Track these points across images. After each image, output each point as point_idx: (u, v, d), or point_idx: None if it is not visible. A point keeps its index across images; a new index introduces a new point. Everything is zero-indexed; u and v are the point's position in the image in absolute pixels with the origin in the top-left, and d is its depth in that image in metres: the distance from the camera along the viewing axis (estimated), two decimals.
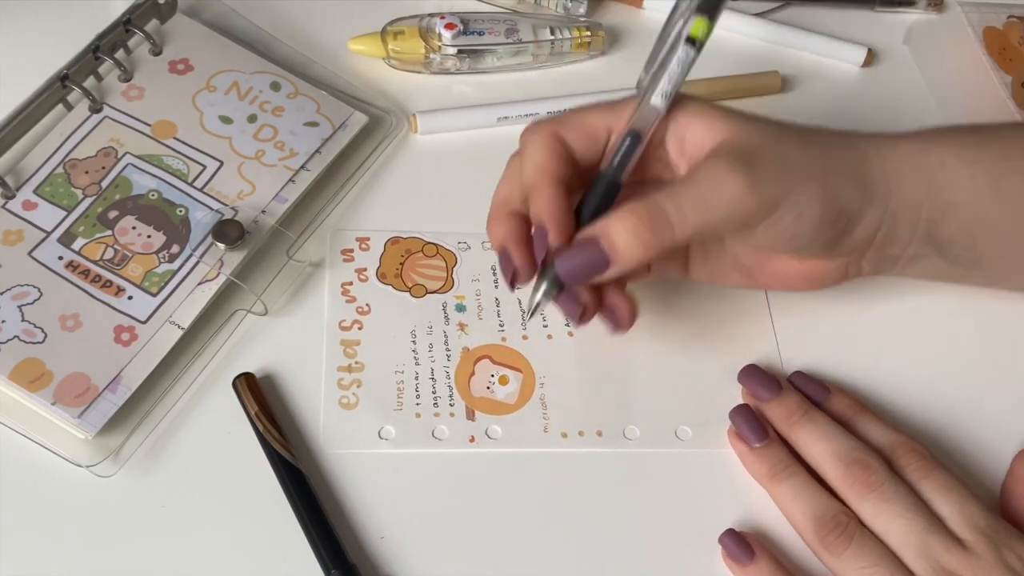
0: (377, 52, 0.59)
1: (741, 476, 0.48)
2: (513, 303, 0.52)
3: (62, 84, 0.53)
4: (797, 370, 0.50)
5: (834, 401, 0.48)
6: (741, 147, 0.42)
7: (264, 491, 0.45)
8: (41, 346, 0.46)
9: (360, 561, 0.44)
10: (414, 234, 0.54)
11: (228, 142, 0.54)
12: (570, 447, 0.48)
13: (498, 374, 0.50)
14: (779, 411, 0.47)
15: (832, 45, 0.64)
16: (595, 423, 0.49)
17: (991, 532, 0.42)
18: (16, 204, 0.50)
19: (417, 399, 0.48)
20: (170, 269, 0.49)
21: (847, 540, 0.43)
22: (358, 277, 0.52)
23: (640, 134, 0.43)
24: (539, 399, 0.49)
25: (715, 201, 0.41)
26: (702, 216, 0.41)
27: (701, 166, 0.42)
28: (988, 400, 0.51)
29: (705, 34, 0.43)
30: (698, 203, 0.41)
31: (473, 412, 0.48)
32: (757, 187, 0.42)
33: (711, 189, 0.41)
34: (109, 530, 0.44)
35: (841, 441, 0.45)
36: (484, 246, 0.54)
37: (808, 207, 0.43)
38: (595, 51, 0.62)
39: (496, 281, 0.53)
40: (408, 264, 0.53)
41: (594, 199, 0.44)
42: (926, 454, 0.45)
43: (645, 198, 0.42)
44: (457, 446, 0.47)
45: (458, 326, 0.51)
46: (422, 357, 0.50)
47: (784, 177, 0.43)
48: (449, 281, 0.52)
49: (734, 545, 0.45)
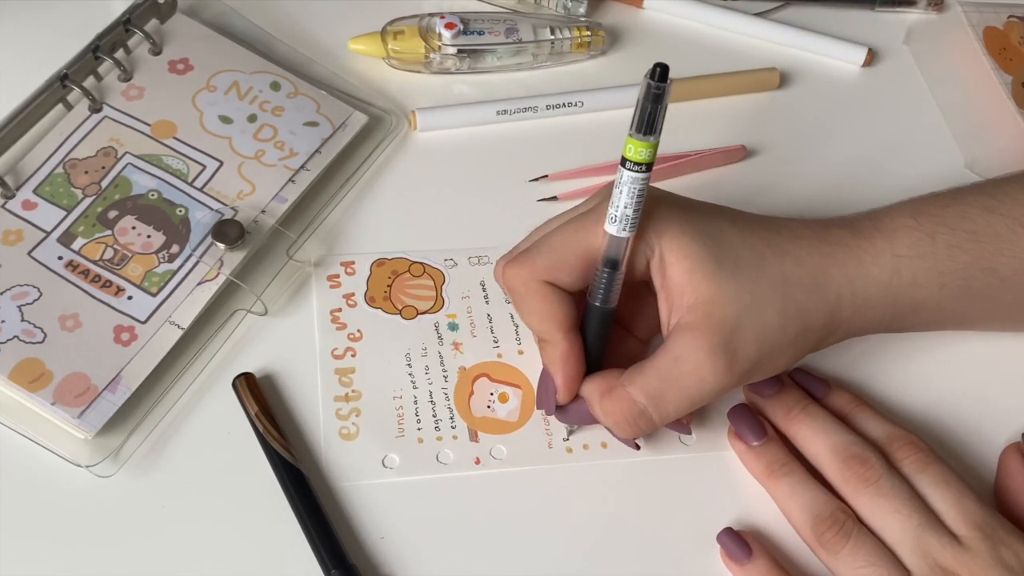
0: (377, 52, 0.59)
1: (744, 477, 0.47)
2: (506, 318, 0.51)
3: (62, 84, 0.53)
4: (798, 367, 0.50)
5: (834, 397, 0.48)
6: (720, 318, 0.42)
7: (264, 491, 0.45)
8: (41, 346, 0.46)
9: (360, 561, 0.44)
10: (399, 255, 0.53)
11: (228, 142, 0.54)
12: (576, 461, 0.48)
13: (497, 392, 0.49)
14: (778, 407, 0.48)
15: (832, 45, 0.64)
16: (599, 435, 0.48)
17: (988, 528, 0.42)
18: (16, 204, 0.50)
19: (418, 424, 0.48)
20: (170, 269, 0.49)
21: (844, 538, 0.43)
22: (346, 303, 0.51)
23: (616, 261, 0.43)
24: (541, 415, 0.49)
25: (697, 395, 0.43)
26: (684, 408, 0.43)
27: (683, 350, 0.42)
28: (989, 392, 0.51)
29: (638, 154, 0.41)
30: (681, 398, 0.43)
31: (476, 433, 0.48)
32: (736, 370, 0.43)
33: (694, 384, 0.42)
34: (109, 530, 0.44)
35: (839, 436, 0.45)
36: (471, 262, 0.53)
37: (778, 366, 0.45)
38: (595, 51, 0.62)
39: (486, 296, 0.52)
40: (396, 286, 0.52)
41: (593, 331, 0.45)
42: (923, 447, 0.45)
43: (632, 383, 0.43)
44: (463, 469, 0.47)
45: (452, 345, 0.50)
46: (419, 380, 0.49)
47: (761, 351, 0.43)
48: (439, 300, 0.52)
49: (732, 544, 0.45)
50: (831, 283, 0.45)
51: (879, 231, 0.46)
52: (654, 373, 0.43)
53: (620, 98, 0.59)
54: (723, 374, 0.42)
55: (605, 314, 0.45)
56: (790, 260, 0.44)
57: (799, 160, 0.59)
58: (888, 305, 0.46)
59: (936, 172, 0.58)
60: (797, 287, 0.44)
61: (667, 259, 0.43)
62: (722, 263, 0.43)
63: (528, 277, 0.44)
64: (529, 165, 0.57)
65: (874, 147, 0.61)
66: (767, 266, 0.44)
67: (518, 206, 0.55)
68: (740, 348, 0.43)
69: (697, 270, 0.43)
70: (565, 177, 0.57)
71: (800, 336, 0.44)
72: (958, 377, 0.52)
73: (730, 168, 0.58)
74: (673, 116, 0.59)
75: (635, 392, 0.43)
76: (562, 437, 0.48)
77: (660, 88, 0.40)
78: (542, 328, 0.44)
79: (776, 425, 0.48)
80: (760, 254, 0.44)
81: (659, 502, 0.47)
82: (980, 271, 0.46)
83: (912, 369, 0.52)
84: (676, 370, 0.43)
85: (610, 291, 0.44)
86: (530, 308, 0.44)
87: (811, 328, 0.45)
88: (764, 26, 0.65)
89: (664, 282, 0.44)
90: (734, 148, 0.58)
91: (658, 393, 0.43)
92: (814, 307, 0.44)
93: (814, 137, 0.61)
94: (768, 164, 0.59)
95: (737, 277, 0.43)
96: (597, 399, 0.44)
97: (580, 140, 0.58)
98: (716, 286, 0.43)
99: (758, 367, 0.44)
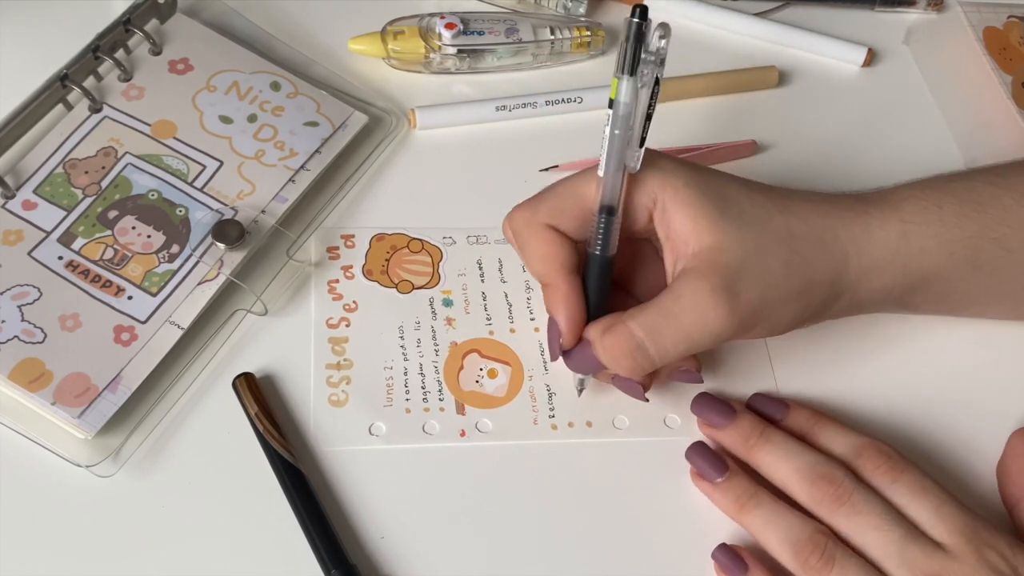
0: (377, 52, 0.59)
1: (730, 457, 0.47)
2: (500, 296, 0.52)
3: (62, 84, 0.53)
4: (756, 393, 0.49)
5: (793, 415, 0.47)
6: (724, 263, 0.42)
7: (264, 491, 0.45)
8: (41, 346, 0.46)
9: (360, 561, 0.44)
10: (399, 230, 0.54)
11: (228, 142, 0.54)
12: (560, 438, 0.48)
13: (487, 368, 0.50)
14: (735, 436, 0.47)
15: (832, 45, 0.64)
16: (584, 414, 0.49)
17: (970, 532, 0.42)
18: (16, 204, 0.50)
19: (407, 395, 0.49)
20: (170, 269, 0.49)
21: (829, 561, 0.42)
22: (344, 274, 0.52)
23: (612, 207, 0.44)
24: (528, 391, 0.49)
25: (697, 334, 0.43)
26: (683, 347, 0.43)
27: (684, 289, 0.42)
28: (976, 396, 0.51)
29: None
30: (679, 336, 0.43)
31: (463, 406, 0.49)
32: (738, 314, 0.43)
33: (693, 323, 0.42)
34: (109, 530, 0.44)
35: (802, 457, 0.44)
36: (469, 240, 0.54)
37: (781, 322, 0.45)
38: (595, 51, 0.62)
39: (482, 275, 0.53)
40: (394, 260, 0.53)
41: (593, 280, 0.45)
42: (892, 454, 0.45)
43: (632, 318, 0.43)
44: (448, 440, 0.48)
45: (446, 321, 0.51)
46: (410, 353, 0.50)
47: (765, 299, 0.43)
48: (435, 276, 0.52)
49: (727, 559, 0.44)
50: (837, 242, 0.45)
51: (886, 201, 0.47)
52: (654, 309, 0.43)
53: None
54: (725, 316, 0.42)
55: (605, 262, 0.45)
56: (796, 218, 0.45)
57: (799, 159, 0.59)
58: (897, 272, 0.46)
59: (936, 172, 0.58)
60: (803, 241, 0.44)
61: (670, 209, 0.44)
62: (726, 213, 0.43)
63: (531, 219, 0.45)
64: (529, 162, 0.57)
65: (874, 147, 0.61)
66: (772, 220, 0.44)
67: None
68: (742, 292, 0.42)
69: (701, 218, 0.43)
70: (575, 168, 0.57)
71: (805, 291, 0.44)
72: (934, 375, 0.52)
73: (739, 163, 0.59)
74: (674, 113, 0.60)
75: (634, 326, 0.43)
76: (575, 387, 0.48)
77: (637, 25, 0.41)
78: (543, 269, 0.45)
79: (737, 456, 0.47)
80: (766, 210, 0.44)
81: (641, 481, 0.47)
82: (987, 241, 0.46)
83: (885, 367, 0.52)
84: (676, 307, 0.42)
85: (608, 238, 0.44)
86: (532, 249, 0.45)
87: (817, 283, 0.44)
88: (764, 26, 0.65)
89: (669, 232, 0.44)
90: (745, 143, 0.58)
91: (656, 327, 0.43)
92: (819, 262, 0.44)
93: (815, 137, 0.61)
94: (770, 163, 0.59)
95: (741, 226, 0.43)
96: (599, 337, 0.44)
97: (580, 137, 0.58)
98: (720, 233, 0.43)
99: (760, 316, 0.43)
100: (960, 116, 0.61)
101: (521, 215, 0.45)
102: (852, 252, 0.45)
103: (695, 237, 0.43)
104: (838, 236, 0.45)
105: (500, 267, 0.53)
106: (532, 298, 0.52)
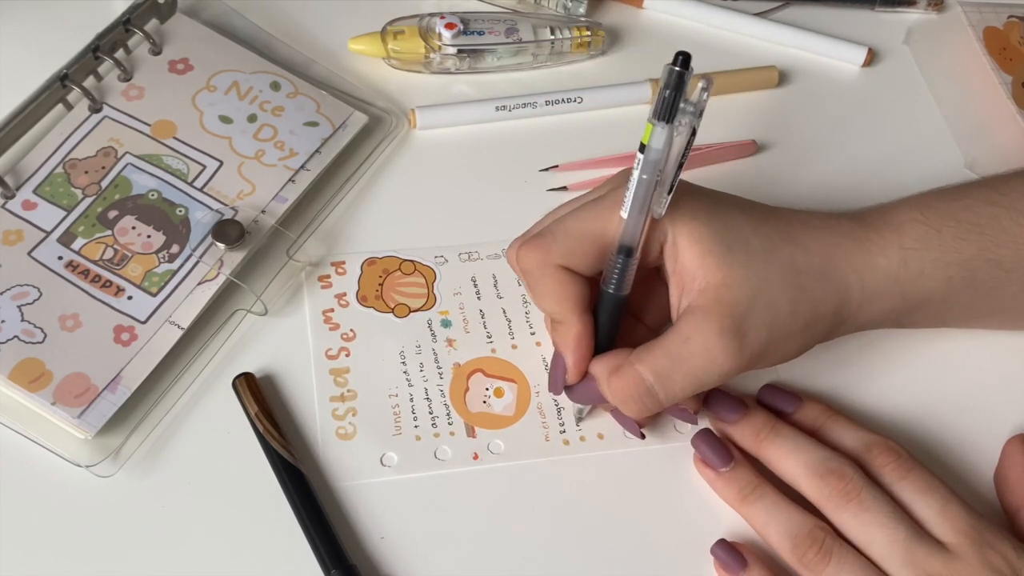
0: (377, 52, 0.59)
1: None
2: (499, 313, 0.52)
3: (62, 84, 0.53)
4: (768, 383, 0.49)
5: (805, 410, 0.48)
6: (731, 302, 0.42)
7: (264, 491, 0.45)
8: (41, 346, 0.46)
9: (360, 561, 0.44)
10: (389, 253, 0.53)
11: (228, 142, 0.54)
12: (573, 453, 0.48)
13: (492, 387, 0.49)
14: (746, 431, 0.47)
15: (832, 45, 0.64)
16: (595, 426, 0.48)
17: (974, 533, 0.42)
18: (16, 204, 0.50)
19: (415, 421, 0.48)
20: (170, 269, 0.49)
21: (826, 556, 0.42)
22: (338, 303, 0.51)
23: (632, 249, 0.43)
24: (536, 408, 0.49)
25: (705, 376, 0.43)
26: (691, 389, 0.43)
27: (692, 331, 0.42)
28: (970, 393, 0.51)
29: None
30: (688, 380, 0.43)
31: (473, 428, 0.48)
32: (746, 354, 0.43)
33: (703, 366, 0.42)
34: (109, 530, 0.44)
35: (812, 452, 0.45)
36: (461, 258, 0.53)
37: (787, 354, 0.45)
38: (595, 51, 0.62)
39: (478, 292, 0.52)
40: (387, 284, 0.52)
41: (605, 316, 0.45)
42: (902, 453, 0.45)
43: (641, 360, 0.43)
44: (462, 465, 0.47)
45: (446, 342, 0.50)
46: (414, 378, 0.49)
47: (771, 337, 0.43)
48: (431, 297, 0.52)
49: (726, 555, 0.44)
50: (839, 273, 0.45)
51: (887, 224, 0.46)
52: (662, 352, 0.43)
53: (620, 95, 0.60)
54: (732, 356, 0.42)
55: (618, 301, 0.45)
56: (799, 249, 0.44)
57: (799, 159, 0.59)
58: (896, 297, 0.46)
59: (936, 172, 0.58)
60: (807, 275, 0.44)
61: (680, 244, 0.43)
62: (733, 248, 0.43)
63: (543, 261, 0.44)
64: (530, 162, 0.57)
65: (874, 147, 0.61)
66: (777, 253, 0.44)
67: (519, 202, 0.55)
68: (750, 331, 0.42)
69: (708, 254, 0.43)
70: (575, 168, 0.57)
71: (810, 324, 0.44)
72: (938, 380, 0.52)
73: (738, 163, 0.58)
74: None
75: (643, 370, 0.43)
76: (575, 416, 0.48)
77: (678, 73, 0.39)
78: (556, 310, 0.44)
79: (747, 450, 0.47)
80: (771, 241, 0.44)
81: (657, 490, 0.47)
82: (985, 262, 0.46)
83: (891, 371, 0.52)
84: (685, 350, 0.42)
85: (624, 278, 0.44)
86: (545, 290, 0.44)
87: (821, 316, 0.45)
88: (764, 26, 0.65)
89: (676, 266, 0.44)
90: (745, 143, 0.58)
91: (666, 372, 0.42)
92: (824, 296, 0.44)
93: (815, 137, 0.61)
94: (770, 163, 0.59)
95: (748, 263, 0.43)
96: (605, 377, 0.44)
97: (580, 137, 0.58)
98: (727, 270, 0.43)
99: (767, 352, 0.43)
100: (960, 116, 0.61)
101: (532, 256, 0.44)
102: (854, 282, 0.45)
103: (702, 272, 0.43)
104: (840, 267, 0.45)
105: (495, 283, 0.52)
106: (530, 312, 0.52)
